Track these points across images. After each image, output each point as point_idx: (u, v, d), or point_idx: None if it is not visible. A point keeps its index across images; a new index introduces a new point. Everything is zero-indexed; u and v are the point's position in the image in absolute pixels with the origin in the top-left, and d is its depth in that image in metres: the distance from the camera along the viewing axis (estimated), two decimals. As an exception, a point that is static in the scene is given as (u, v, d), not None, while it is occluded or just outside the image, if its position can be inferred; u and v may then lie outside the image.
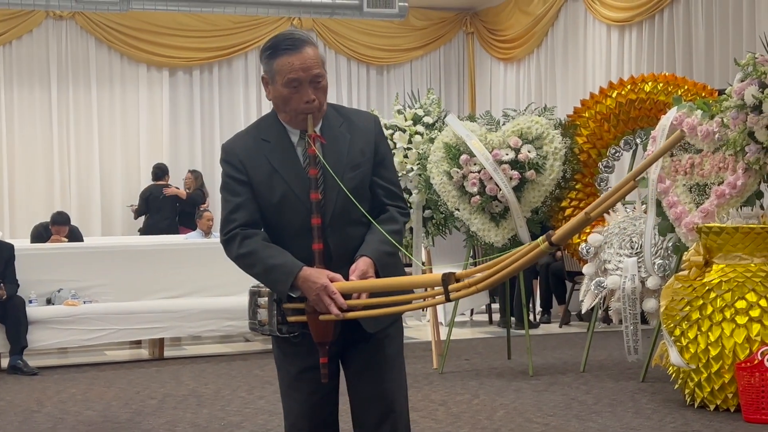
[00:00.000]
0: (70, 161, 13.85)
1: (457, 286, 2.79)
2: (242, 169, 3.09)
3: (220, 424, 5.92)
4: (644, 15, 11.47)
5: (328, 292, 2.93)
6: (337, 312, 2.93)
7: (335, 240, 3.06)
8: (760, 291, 5.85)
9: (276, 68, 3.03)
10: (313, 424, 3.17)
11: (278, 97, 3.07)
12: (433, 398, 6.55)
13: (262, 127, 3.16)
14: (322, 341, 3.02)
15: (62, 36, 13.87)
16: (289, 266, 3.00)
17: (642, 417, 5.90)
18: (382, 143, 3.21)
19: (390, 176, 3.21)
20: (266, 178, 3.08)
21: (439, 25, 15.62)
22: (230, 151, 3.13)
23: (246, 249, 3.06)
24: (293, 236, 3.08)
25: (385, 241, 3.07)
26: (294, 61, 3.00)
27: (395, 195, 3.20)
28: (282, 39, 3.05)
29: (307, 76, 3.01)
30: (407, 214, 3.24)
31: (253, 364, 8.10)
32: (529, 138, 7.28)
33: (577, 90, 12.52)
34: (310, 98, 3.03)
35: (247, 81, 14.74)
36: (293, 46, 3.02)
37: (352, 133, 3.14)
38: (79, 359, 8.50)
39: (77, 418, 6.19)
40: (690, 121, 6.49)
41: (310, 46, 3.05)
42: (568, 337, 9.48)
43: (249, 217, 3.09)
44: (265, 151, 3.09)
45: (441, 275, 2.79)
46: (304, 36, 3.07)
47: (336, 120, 3.14)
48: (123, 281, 8.62)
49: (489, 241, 7.43)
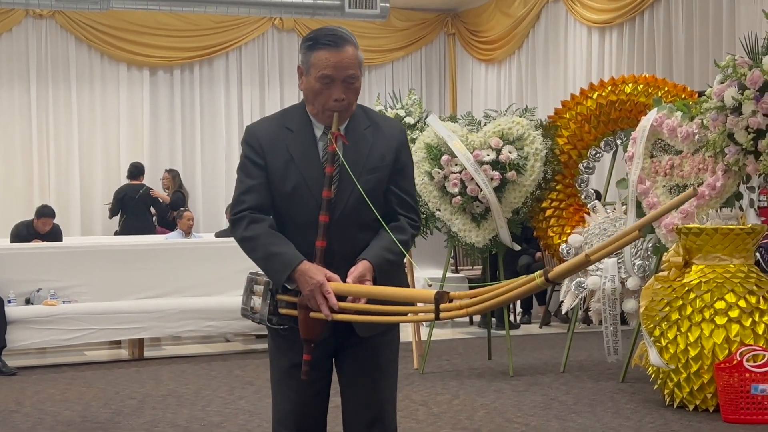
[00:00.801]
0: (50, 161, 13.77)
1: (448, 307, 2.78)
2: (261, 152, 3.09)
3: (200, 425, 5.90)
4: (625, 17, 11.52)
5: (323, 290, 2.92)
6: (327, 312, 2.92)
7: (340, 239, 3.05)
8: (739, 292, 5.89)
9: (312, 61, 3.02)
10: (299, 420, 3.16)
11: (309, 89, 3.05)
12: (413, 398, 6.55)
13: (288, 116, 3.16)
14: (308, 338, 3.01)
15: (42, 35, 13.78)
16: (290, 257, 2.99)
17: (621, 417, 5.92)
18: (404, 152, 3.18)
19: (407, 187, 3.18)
20: (282, 166, 3.07)
21: (421, 26, 15.63)
22: (252, 133, 3.14)
23: (251, 233, 3.05)
24: (299, 228, 3.07)
25: (389, 249, 3.05)
26: (331, 57, 3.00)
27: (409, 206, 3.18)
28: (324, 33, 3.03)
29: (340, 75, 3.00)
30: (418, 227, 3.21)
31: (234, 364, 8.08)
32: (510, 139, 7.29)
33: (558, 91, 12.55)
34: (339, 97, 3.02)
35: (227, 81, 14.70)
36: (333, 43, 3.01)
37: (376, 137, 3.12)
38: (58, 359, 8.45)
39: (56, 418, 6.16)
40: (670, 123, 6.52)
41: (350, 46, 3.04)
42: (549, 338, 9.50)
43: (259, 201, 3.08)
44: (286, 140, 3.09)
45: (434, 293, 2.79)
46: (347, 35, 3.05)
47: (363, 122, 3.13)
48: (102, 281, 8.57)
49: (470, 242, 7.45)
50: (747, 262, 6.08)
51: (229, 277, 8.69)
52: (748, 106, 5.78)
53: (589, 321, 9.28)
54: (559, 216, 7.66)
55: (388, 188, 3.13)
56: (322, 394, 3.18)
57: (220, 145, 14.52)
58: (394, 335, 3.20)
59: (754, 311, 5.85)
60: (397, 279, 3.16)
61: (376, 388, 3.13)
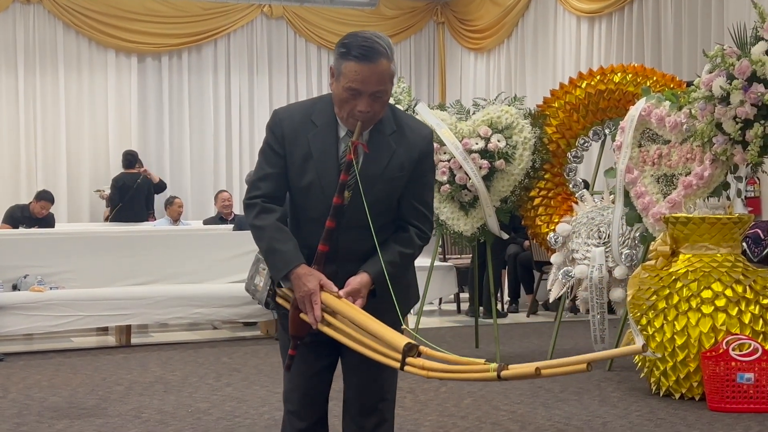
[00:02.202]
0: (37, 147, 13.73)
1: (413, 362, 2.79)
2: (282, 142, 3.09)
3: (187, 411, 5.90)
4: (614, 7, 11.52)
5: (312, 300, 2.97)
6: (313, 321, 2.98)
7: (347, 243, 3.08)
8: (726, 281, 5.91)
9: (342, 69, 2.97)
10: (302, 399, 3.24)
11: (337, 95, 3.02)
12: (400, 386, 6.49)
13: (316, 108, 3.12)
14: (296, 335, 3.09)
15: (30, 20, 13.73)
16: (289, 257, 3.03)
17: (608, 405, 5.94)
18: (426, 162, 3.16)
19: (422, 195, 3.17)
20: (300, 161, 3.07)
21: (410, 15, 15.61)
22: (278, 121, 3.12)
23: (260, 222, 3.09)
24: (311, 222, 3.11)
25: (392, 262, 3.07)
26: (360, 71, 2.94)
27: (422, 215, 3.17)
28: (359, 43, 2.96)
29: (368, 90, 2.96)
30: (428, 238, 3.21)
31: (221, 351, 8.08)
32: (499, 127, 7.29)
33: (547, 80, 12.55)
34: (365, 109, 2.98)
35: (216, 68, 14.66)
36: (365, 56, 2.93)
37: (399, 144, 3.09)
38: (45, 345, 8.43)
39: (43, 404, 6.15)
40: (658, 112, 6.53)
41: (384, 59, 2.97)
42: (536, 327, 9.52)
43: (274, 190, 3.11)
44: (309, 134, 3.07)
45: (405, 344, 2.80)
46: (383, 46, 2.98)
47: (389, 126, 3.09)
48: (90, 268, 8.55)
49: (458, 230, 7.45)
50: (734, 251, 6.10)
51: (217, 265, 8.70)
52: (736, 96, 5.80)
53: (576, 310, 9.32)
54: (547, 205, 7.67)
55: (403, 196, 3.13)
56: (326, 374, 3.25)
57: (208, 132, 14.49)
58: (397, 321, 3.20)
59: (740, 300, 5.87)
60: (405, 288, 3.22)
61: (380, 375, 3.19)
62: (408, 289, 3.28)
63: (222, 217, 11.32)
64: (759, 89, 5.75)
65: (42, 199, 10.26)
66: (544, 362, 2.62)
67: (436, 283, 9.17)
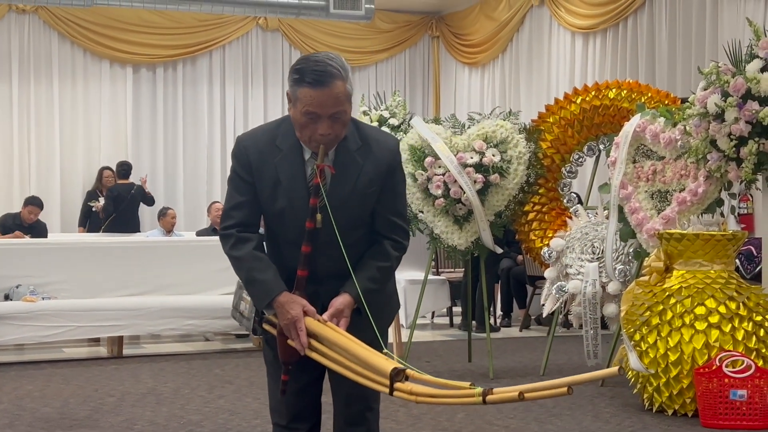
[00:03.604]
0: (31, 156, 13.71)
1: (401, 387, 2.78)
2: (249, 170, 3.08)
3: (179, 423, 5.88)
4: (608, 23, 11.57)
5: (297, 327, 2.97)
6: (300, 347, 2.99)
7: (325, 261, 3.08)
8: (720, 297, 5.91)
9: (298, 95, 2.95)
10: (291, 412, 3.25)
11: (296, 120, 3.00)
12: (393, 400, 6.49)
13: (279, 133, 3.09)
14: (286, 361, 3.10)
15: (25, 30, 13.73)
16: (269, 287, 3.03)
17: (600, 421, 5.94)
18: (397, 173, 3.15)
19: (394, 206, 3.16)
20: (270, 188, 3.07)
21: (405, 28, 15.65)
22: (243, 149, 3.10)
23: (237, 253, 3.09)
24: (288, 244, 3.11)
25: (372, 278, 3.07)
26: (316, 96, 2.91)
27: (395, 226, 3.16)
28: (311, 69, 2.92)
29: (326, 113, 2.94)
30: (403, 247, 3.20)
31: (213, 363, 8.06)
32: (494, 142, 7.30)
33: (542, 95, 12.59)
34: (326, 132, 2.96)
35: (211, 79, 14.67)
36: (318, 82, 2.90)
37: (366, 159, 3.07)
38: (37, 356, 8.40)
39: (34, 414, 6.12)
40: (653, 128, 6.55)
41: (338, 81, 2.92)
42: (528, 341, 9.52)
43: (247, 217, 3.11)
44: (275, 159, 3.06)
45: (391, 369, 2.79)
46: (336, 68, 2.93)
47: (353, 142, 3.07)
48: (82, 278, 8.52)
49: (452, 244, 7.45)
50: (727, 268, 6.11)
51: (210, 276, 8.67)
52: (731, 113, 5.82)
53: (569, 325, 9.32)
54: (541, 220, 7.67)
55: (375, 210, 3.13)
56: (315, 386, 3.25)
57: (202, 143, 14.50)
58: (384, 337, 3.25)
59: (733, 317, 5.87)
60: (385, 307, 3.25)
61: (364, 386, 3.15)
62: (390, 299, 3.31)
63: (215, 228, 11.30)
64: (753, 106, 5.77)
65: (30, 204, 10.24)
66: (526, 386, 2.64)
67: (429, 297, 9.17)
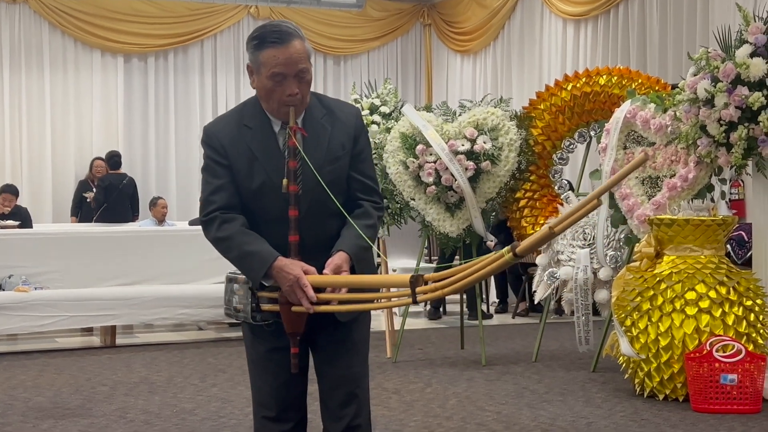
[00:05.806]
0: (22, 147, 13.69)
1: (424, 289, 2.81)
2: (223, 153, 3.10)
3: (172, 411, 5.89)
4: (600, 10, 11.57)
5: (301, 284, 2.96)
6: (308, 306, 2.96)
7: (311, 231, 3.09)
8: (710, 282, 5.93)
9: (261, 60, 3.02)
10: (280, 403, 3.20)
11: (262, 88, 3.06)
12: (386, 386, 6.56)
13: (245, 113, 3.15)
14: (294, 332, 3.07)
15: (15, 20, 13.69)
16: (265, 255, 3.02)
17: (592, 406, 5.96)
18: (362, 137, 3.21)
19: (366, 170, 3.21)
20: (246, 165, 3.08)
21: (397, 17, 15.63)
22: (212, 134, 3.13)
23: (223, 233, 3.08)
24: (269, 223, 3.10)
25: (360, 236, 3.09)
26: (279, 54, 2.99)
27: (371, 189, 3.21)
28: (269, 31, 3.02)
29: (291, 71, 3.01)
30: (382, 208, 3.25)
31: (206, 352, 8.07)
32: (485, 129, 7.31)
33: (533, 82, 12.60)
34: (293, 92, 3.02)
35: (202, 68, 14.65)
36: (280, 40, 2.99)
37: (333, 125, 3.13)
38: (30, 346, 8.40)
39: (27, 404, 6.13)
40: (643, 115, 6.56)
41: (297, 39, 3.02)
42: (521, 328, 9.54)
43: (228, 200, 3.10)
44: (246, 138, 3.09)
45: (409, 277, 2.82)
46: (292, 28, 3.04)
47: (318, 111, 3.14)
48: (75, 268, 8.52)
49: (444, 231, 7.46)
50: (718, 253, 6.13)
51: (202, 265, 8.66)
52: (721, 98, 5.83)
53: (561, 311, 9.34)
54: (532, 206, 7.69)
55: (350, 174, 3.17)
56: (300, 376, 3.22)
57: (194, 132, 14.47)
58: (367, 314, 3.29)
59: (724, 302, 5.89)
60: (370, 264, 3.24)
61: (352, 364, 3.19)
62: (373, 259, 3.34)
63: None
64: (743, 92, 5.78)
65: (4, 192, 10.11)
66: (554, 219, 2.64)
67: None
